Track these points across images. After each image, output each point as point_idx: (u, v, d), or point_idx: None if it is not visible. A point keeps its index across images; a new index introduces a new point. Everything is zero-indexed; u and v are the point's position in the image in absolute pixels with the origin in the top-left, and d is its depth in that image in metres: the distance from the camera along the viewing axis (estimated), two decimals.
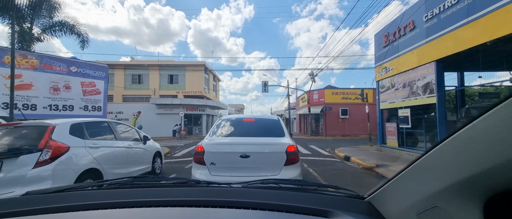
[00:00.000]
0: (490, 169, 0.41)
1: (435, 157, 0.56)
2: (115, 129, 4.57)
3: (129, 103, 26.15)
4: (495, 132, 0.40)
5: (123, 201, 0.90)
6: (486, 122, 0.42)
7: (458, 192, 0.49)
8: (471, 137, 0.45)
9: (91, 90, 11.78)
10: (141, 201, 0.90)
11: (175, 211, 0.85)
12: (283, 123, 3.92)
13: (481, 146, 0.42)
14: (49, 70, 10.54)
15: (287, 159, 3.06)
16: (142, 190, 1.05)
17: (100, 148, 3.90)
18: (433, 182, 0.56)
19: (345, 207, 0.84)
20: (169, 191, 1.06)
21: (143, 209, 0.85)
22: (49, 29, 10.99)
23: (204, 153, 3.09)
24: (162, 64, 28.27)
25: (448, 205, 0.53)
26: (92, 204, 0.87)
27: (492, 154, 0.40)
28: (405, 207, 0.67)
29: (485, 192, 0.45)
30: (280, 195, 0.99)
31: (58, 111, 10.72)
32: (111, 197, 0.97)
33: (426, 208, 0.59)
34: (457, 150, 0.48)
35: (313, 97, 23.12)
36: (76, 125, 3.71)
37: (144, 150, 5.24)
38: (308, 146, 13.08)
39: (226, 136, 3.60)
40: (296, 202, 0.88)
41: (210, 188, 1.09)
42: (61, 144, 3.28)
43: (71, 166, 3.31)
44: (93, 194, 1.05)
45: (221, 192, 1.03)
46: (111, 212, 0.83)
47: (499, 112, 0.40)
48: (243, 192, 1.02)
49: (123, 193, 1.03)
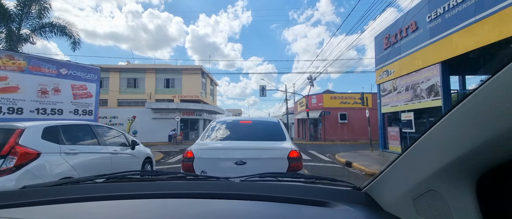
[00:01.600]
0: (481, 146, 0.41)
1: (427, 141, 0.56)
2: (98, 132, 4.16)
3: (124, 108, 25.59)
4: (484, 108, 0.40)
5: (121, 194, 0.89)
6: (476, 99, 0.42)
7: (451, 173, 0.50)
8: (461, 116, 0.45)
9: (82, 93, 11.31)
10: (139, 194, 0.89)
11: (172, 202, 0.84)
12: (283, 125, 3.55)
13: (472, 123, 0.42)
14: (37, 72, 10.07)
15: (289, 167, 2.68)
16: (140, 183, 1.06)
17: (79, 154, 3.48)
18: (427, 166, 0.56)
19: (343, 198, 0.85)
20: (166, 184, 1.05)
21: (141, 200, 0.84)
22: (39, 30, 10.59)
23: (194, 160, 2.69)
24: (158, 68, 27.86)
25: (442, 187, 0.53)
26: (89, 197, 0.86)
27: (482, 130, 0.40)
28: (400, 194, 0.68)
29: (476, 170, 0.45)
30: (279, 187, 1.00)
31: (46, 115, 10.21)
32: (108, 190, 0.96)
33: (421, 192, 0.60)
34: (449, 131, 0.48)
35: (312, 102, 22.86)
36: (50, 128, 3.29)
37: (132, 155, 4.82)
38: (307, 151, 12.70)
39: (220, 140, 3.22)
40: (295, 194, 0.88)
41: (208, 182, 1.10)
42: (30, 150, 2.86)
43: (42, 175, 2.89)
44: (90, 187, 1.03)
45: (219, 185, 1.03)
46: (109, 203, 0.83)
47: (487, 88, 0.39)
48: (241, 185, 1.02)
49: (121, 186, 1.03)
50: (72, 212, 0.77)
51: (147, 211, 0.76)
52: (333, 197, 0.86)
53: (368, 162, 8.27)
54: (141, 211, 0.76)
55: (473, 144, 0.42)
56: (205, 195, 0.88)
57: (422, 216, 0.60)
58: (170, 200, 0.85)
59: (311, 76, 19.46)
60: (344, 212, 0.75)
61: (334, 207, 0.78)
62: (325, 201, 0.82)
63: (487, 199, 0.46)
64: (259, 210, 0.77)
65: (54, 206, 0.80)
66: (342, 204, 0.79)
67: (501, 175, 0.46)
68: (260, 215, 0.72)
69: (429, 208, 0.58)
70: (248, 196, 0.87)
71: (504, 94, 0.36)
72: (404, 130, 8.55)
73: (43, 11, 10.54)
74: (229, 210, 0.76)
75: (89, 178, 1.11)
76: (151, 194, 0.88)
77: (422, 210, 0.60)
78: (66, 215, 0.73)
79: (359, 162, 8.05)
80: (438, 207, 0.55)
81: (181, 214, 0.72)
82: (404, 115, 8.50)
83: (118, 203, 0.83)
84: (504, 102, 0.36)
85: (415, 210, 0.62)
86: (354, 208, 0.77)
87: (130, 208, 0.79)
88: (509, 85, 0.35)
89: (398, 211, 0.69)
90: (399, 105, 8.86)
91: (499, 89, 0.37)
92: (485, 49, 5.59)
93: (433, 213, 0.56)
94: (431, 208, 0.57)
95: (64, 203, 0.83)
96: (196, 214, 0.72)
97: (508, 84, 0.35)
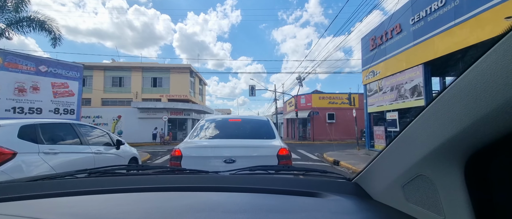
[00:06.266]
0: (469, 126, 0.41)
1: (416, 126, 0.56)
2: (80, 132, 3.98)
3: (108, 107, 24.70)
4: (473, 88, 0.40)
5: (104, 188, 0.84)
6: (465, 81, 0.42)
7: (439, 156, 0.50)
8: (450, 97, 0.45)
9: (63, 92, 10.80)
10: (123, 188, 0.85)
11: (158, 195, 0.80)
12: (273, 124, 3.55)
13: (461, 104, 0.42)
14: (14, 69, 9.51)
15: (278, 164, 2.68)
16: (125, 178, 1.02)
17: (59, 154, 3.31)
18: (416, 151, 0.56)
19: (334, 189, 0.85)
20: (153, 178, 1.01)
21: (125, 194, 0.81)
22: (16, 24, 9.99)
23: (181, 158, 2.63)
24: (145, 66, 27.14)
25: (431, 171, 0.53)
26: (69, 192, 0.82)
27: (470, 111, 0.41)
28: (389, 182, 0.68)
29: (464, 151, 0.45)
30: (269, 179, 0.99)
31: (24, 114, 9.66)
32: (90, 184, 0.92)
33: (410, 179, 0.60)
34: (438, 114, 0.48)
35: (301, 102, 23.10)
36: (27, 127, 3.11)
37: (117, 156, 4.66)
38: (296, 150, 12.83)
39: (209, 138, 3.17)
40: (285, 186, 0.88)
41: (197, 175, 1.08)
42: (5, 150, 2.70)
43: (18, 176, 2.69)
44: (70, 182, 0.98)
45: (208, 178, 1.01)
46: (90, 198, 0.79)
47: (476, 69, 0.40)
48: (231, 178, 1.01)
49: (104, 180, 0.99)
50: (49, 206, 0.72)
51: (131, 204, 0.72)
52: (324, 187, 0.86)
53: (355, 160, 8.47)
54: (125, 204, 0.72)
55: (462, 125, 0.42)
56: (193, 188, 0.86)
57: (411, 202, 0.60)
58: (156, 194, 0.81)
59: (300, 76, 19.67)
60: (335, 202, 0.75)
61: (325, 197, 0.78)
62: (316, 192, 0.81)
63: (474, 181, 0.47)
64: (249, 201, 0.75)
65: (30, 201, 0.75)
66: (333, 195, 0.79)
67: (488, 157, 0.46)
68: (251, 205, 0.70)
69: (417, 193, 0.58)
70: (238, 189, 0.85)
71: (492, 74, 0.36)
72: (389, 129, 8.82)
73: (20, 5, 9.96)
74: (218, 202, 0.74)
75: (68, 173, 1.04)
76: (136, 188, 0.84)
77: (411, 197, 0.60)
78: (42, 210, 0.68)
79: (346, 161, 8.23)
80: (427, 192, 0.55)
81: (167, 206, 0.69)
82: (389, 114, 8.77)
83: (99, 197, 0.78)
84: (493, 81, 0.36)
85: (404, 197, 0.62)
86: (345, 197, 0.77)
87: (113, 202, 0.75)
88: (497, 65, 0.36)
89: (388, 199, 0.70)
90: (384, 105, 9.14)
91: (488, 69, 0.37)
92: (464, 51, 5.88)
93: (422, 197, 0.56)
94: (419, 193, 0.57)
95: (41, 198, 0.77)
96: (183, 205, 0.69)
97: (496, 63, 0.36)
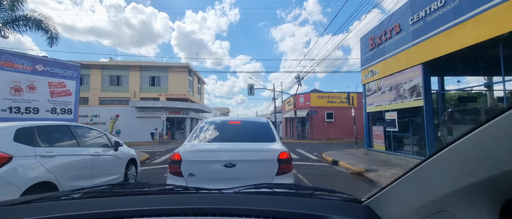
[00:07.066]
0: (508, 172, 0.38)
1: (447, 157, 0.52)
2: (78, 133, 3.93)
3: (106, 106, 24.56)
4: None
5: (101, 212, 0.79)
6: (507, 121, 0.38)
7: (472, 195, 0.46)
8: (489, 137, 0.42)
9: (60, 91, 10.68)
10: (122, 211, 0.80)
11: None
12: (273, 126, 3.53)
13: (500, 147, 0.39)
14: (10, 68, 9.38)
15: (279, 168, 2.65)
16: (123, 199, 0.98)
17: (56, 157, 3.27)
18: (444, 184, 0.52)
19: (343, 211, 0.83)
20: (153, 199, 0.95)
21: None
22: (12, 23, 9.86)
23: (181, 162, 2.60)
24: (143, 65, 26.97)
25: (459, 209, 0.50)
26: (62, 216, 0.76)
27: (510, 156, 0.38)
28: (408, 211, 0.64)
29: (501, 195, 0.42)
30: (275, 200, 0.95)
31: (20, 114, 9.54)
32: (86, 207, 0.84)
33: (432, 212, 0.56)
34: (472, 150, 0.45)
35: (299, 101, 23.09)
36: (23, 129, 3.06)
37: (115, 157, 4.62)
38: (295, 150, 12.83)
39: (209, 141, 3.14)
40: (291, 208, 0.85)
41: (199, 195, 1.03)
42: (0, 154, 2.65)
43: (15, 180, 2.69)
44: (63, 204, 0.91)
45: (211, 199, 0.97)
46: None
47: None
48: (235, 198, 0.97)
49: (101, 202, 0.92)
50: None
51: None
52: (332, 210, 0.83)
53: (354, 160, 8.48)
54: None
55: (503, 168, 0.38)
56: (196, 210, 0.83)
57: None
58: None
59: (299, 75, 19.65)
60: None
61: None
62: (323, 216, 0.79)
63: None
64: None
65: None
66: (342, 218, 0.77)
67: None
68: None
69: None
70: (242, 211, 0.82)
71: None
72: (388, 129, 8.82)
73: (16, 3, 9.82)
74: None
75: (64, 193, 0.99)
76: (136, 211, 0.80)
77: None
78: None
79: (345, 161, 8.23)
80: None
81: None
82: (388, 114, 8.77)
83: None
84: None
85: None
86: None
87: None
88: None
89: None
90: (383, 105, 9.14)
91: None
92: (463, 51, 5.87)
93: None
94: None
95: None
96: None
97: None
